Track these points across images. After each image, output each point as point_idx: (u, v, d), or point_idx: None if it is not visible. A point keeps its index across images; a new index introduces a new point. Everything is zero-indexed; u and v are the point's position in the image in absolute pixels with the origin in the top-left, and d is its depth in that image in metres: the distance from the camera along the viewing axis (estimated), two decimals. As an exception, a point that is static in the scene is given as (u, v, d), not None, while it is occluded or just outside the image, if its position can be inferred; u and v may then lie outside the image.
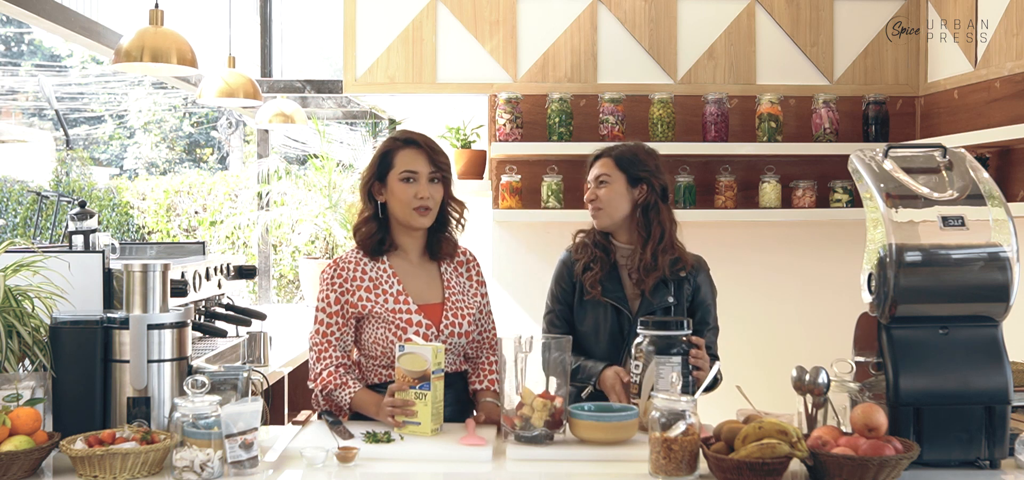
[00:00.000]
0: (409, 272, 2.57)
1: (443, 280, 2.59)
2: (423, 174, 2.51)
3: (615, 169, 2.74)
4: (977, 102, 3.94)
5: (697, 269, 2.77)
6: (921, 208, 2.03)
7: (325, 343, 2.51)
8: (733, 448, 1.94)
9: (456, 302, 2.57)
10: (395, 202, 2.53)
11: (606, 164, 2.77)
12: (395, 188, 2.52)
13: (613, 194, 2.73)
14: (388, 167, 2.53)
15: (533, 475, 2.07)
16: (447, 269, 2.62)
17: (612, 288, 2.71)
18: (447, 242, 2.62)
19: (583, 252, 2.78)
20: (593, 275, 2.72)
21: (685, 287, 2.73)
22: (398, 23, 4.28)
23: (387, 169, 2.53)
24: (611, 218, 2.74)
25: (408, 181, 2.50)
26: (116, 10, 7.47)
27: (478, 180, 4.34)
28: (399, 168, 2.52)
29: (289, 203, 7.28)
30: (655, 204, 2.73)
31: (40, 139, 13.37)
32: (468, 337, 2.58)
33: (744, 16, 4.31)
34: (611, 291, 2.71)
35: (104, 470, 1.93)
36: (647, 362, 2.33)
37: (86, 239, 3.24)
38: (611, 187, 2.73)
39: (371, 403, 2.43)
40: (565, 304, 2.79)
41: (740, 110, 4.28)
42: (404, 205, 2.51)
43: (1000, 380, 2.00)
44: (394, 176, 2.52)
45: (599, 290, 2.70)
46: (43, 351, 2.19)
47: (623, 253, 2.77)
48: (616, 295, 2.71)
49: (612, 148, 2.83)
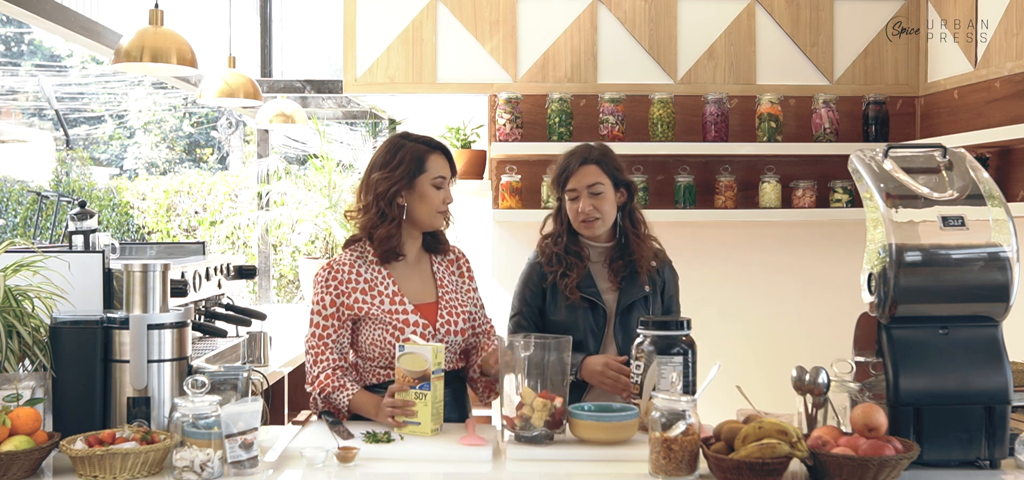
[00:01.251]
0: (404, 273, 2.58)
1: (436, 278, 2.62)
2: (448, 179, 2.58)
3: (604, 176, 2.72)
4: (977, 102, 3.94)
5: (665, 262, 2.82)
6: (921, 208, 2.03)
7: (321, 346, 2.51)
8: (733, 448, 1.94)
9: (450, 300, 2.59)
10: (422, 206, 2.54)
11: (596, 172, 2.72)
12: (426, 192, 2.53)
13: (606, 202, 2.71)
14: (420, 172, 2.53)
15: (533, 475, 2.07)
16: (439, 267, 2.64)
17: (586, 285, 2.72)
18: (443, 237, 2.67)
19: (558, 263, 2.74)
20: (570, 280, 2.71)
21: (656, 279, 2.77)
22: (398, 23, 4.28)
23: (418, 173, 2.53)
24: (606, 226, 2.74)
25: (439, 187, 2.55)
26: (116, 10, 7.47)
27: (478, 180, 4.34)
28: (432, 173, 2.54)
29: (289, 203, 7.29)
30: (632, 203, 2.77)
31: (40, 139, 13.38)
32: (463, 335, 2.59)
33: (744, 16, 4.31)
34: (586, 287, 2.72)
35: (104, 470, 1.93)
36: (648, 362, 2.33)
37: (86, 239, 3.24)
38: (605, 196, 2.71)
39: (370, 404, 2.43)
40: (534, 307, 2.79)
41: (740, 110, 4.28)
42: (432, 209, 2.55)
43: (1000, 380, 2.00)
44: (425, 180, 2.53)
45: (578, 295, 2.70)
46: (43, 351, 2.19)
47: (598, 252, 2.77)
48: (591, 291, 2.71)
49: (590, 152, 2.76)
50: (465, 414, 2.61)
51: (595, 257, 2.77)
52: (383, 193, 2.52)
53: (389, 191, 2.52)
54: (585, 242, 2.78)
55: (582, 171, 2.72)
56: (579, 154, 2.76)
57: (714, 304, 4.17)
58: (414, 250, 2.61)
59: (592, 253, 2.78)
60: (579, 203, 2.71)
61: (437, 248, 2.65)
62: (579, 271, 2.72)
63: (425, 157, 2.55)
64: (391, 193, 2.52)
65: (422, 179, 2.53)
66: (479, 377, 2.62)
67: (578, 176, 2.72)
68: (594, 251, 2.78)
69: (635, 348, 2.38)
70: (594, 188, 2.70)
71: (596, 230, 2.73)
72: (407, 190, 2.54)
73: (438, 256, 2.66)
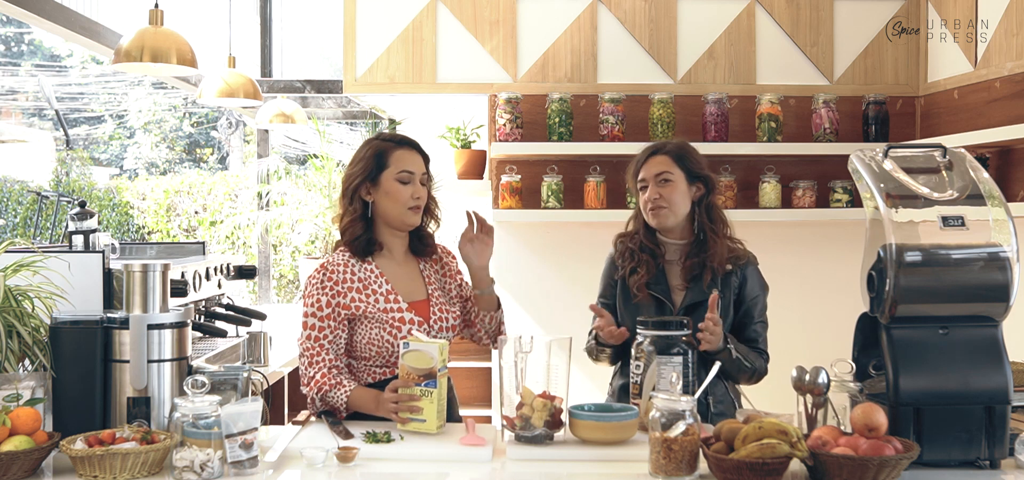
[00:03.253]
0: (395, 272, 2.59)
1: (424, 277, 2.64)
2: (417, 174, 2.56)
3: (675, 166, 2.68)
4: (977, 102, 3.94)
5: (747, 263, 2.74)
6: (921, 208, 2.03)
7: (317, 347, 2.50)
8: (733, 448, 1.94)
9: (439, 297, 2.62)
10: (388, 202, 2.54)
11: (665, 161, 2.69)
12: (390, 188, 2.53)
13: (676, 192, 2.67)
14: (382, 167, 2.54)
15: (533, 475, 2.07)
16: (425, 266, 2.66)
17: (657, 282, 2.68)
18: (429, 239, 2.67)
19: (629, 258, 2.73)
20: (639, 278, 2.69)
21: (732, 280, 2.69)
22: (398, 23, 4.28)
23: (381, 169, 2.54)
24: (676, 217, 2.68)
25: (405, 182, 2.53)
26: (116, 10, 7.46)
27: (478, 180, 4.34)
28: (396, 168, 2.53)
29: (289, 203, 7.29)
30: (712, 199, 2.73)
31: (40, 139, 13.38)
32: (454, 331, 2.62)
33: (744, 16, 4.31)
34: (655, 285, 2.68)
35: (104, 470, 1.93)
36: (648, 362, 2.33)
37: (86, 239, 3.24)
38: (674, 185, 2.67)
39: (369, 399, 2.42)
40: (610, 298, 2.78)
41: (740, 110, 4.28)
42: (399, 205, 2.54)
43: (1000, 380, 2.00)
44: (389, 176, 2.53)
45: (645, 293, 2.67)
46: (43, 351, 2.19)
47: (673, 249, 2.73)
48: (660, 289, 2.68)
49: (663, 145, 2.75)
50: (456, 414, 2.61)
51: (671, 255, 2.73)
52: (347, 190, 2.57)
53: (351, 187, 2.55)
54: (662, 240, 2.74)
55: (652, 161, 2.72)
56: (651, 147, 2.77)
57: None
58: (400, 249, 2.62)
59: (668, 251, 2.73)
60: (647, 192, 2.70)
61: (423, 250, 2.65)
62: (649, 269, 2.69)
63: (387, 152, 2.55)
64: (353, 189, 2.55)
65: (386, 175, 2.53)
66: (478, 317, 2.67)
67: (648, 166, 2.72)
68: (670, 249, 2.73)
69: (635, 348, 2.38)
70: (662, 176, 2.68)
71: (664, 219, 2.68)
72: (372, 185, 2.55)
73: (424, 259, 2.67)
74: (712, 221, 2.71)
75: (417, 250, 2.65)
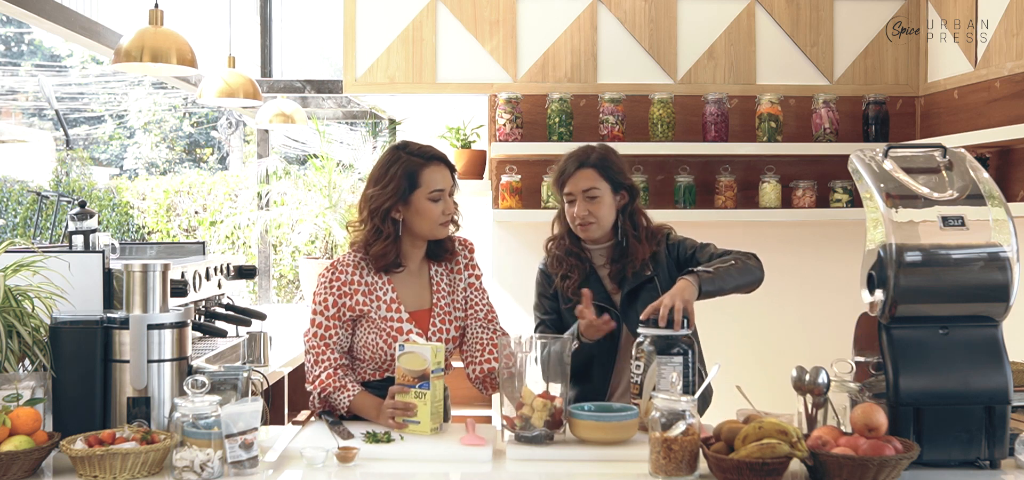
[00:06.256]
0: (403, 279, 2.57)
1: (433, 284, 2.60)
2: (447, 190, 2.52)
3: (601, 179, 2.69)
4: (977, 102, 3.94)
5: (668, 233, 2.78)
6: (921, 208, 2.03)
7: (322, 346, 2.50)
8: (733, 448, 1.94)
9: (444, 307, 2.58)
10: (420, 220, 2.50)
11: (592, 176, 2.69)
12: (422, 207, 2.49)
13: (602, 207, 2.69)
14: (414, 187, 2.49)
15: (533, 475, 2.07)
16: (438, 270, 2.62)
17: (592, 288, 2.68)
18: (448, 243, 2.62)
19: (558, 265, 2.75)
20: (571, 283, 2.70)
21: (660, 256, 2.73)
22: (398, 23, 4.28)
23: (412, 189, 2.49)
24: (603, 230, 2.72)
25: (436, 200, 2.50)
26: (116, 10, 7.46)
27: (478, 180, 4.34)
28: (428, 187, 2.49)
29: (289, 203, 7.29)
30: (635, 206, 2.74)
31: (40, 139, 13.38)
32: (454, 342, 2.59)
33: (744, 16, 4.31)
34: (590, 285, 2.68)
35: (104, 470, 1.93)
36: (648, 362, 2.33)
37: (86, 239, 3.24)
38: (601, 199, 2.69)
39: (371, 407, 2.43)
40: (553, 313, 2.79)
41: (740, 110, 4.28)
42: (431, 222, 2.50)
43: (1000, 380, 2.00)
44: (421, 195, 2.48)
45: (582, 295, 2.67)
46: (43, 351, 2.19)
47: (600, 253, 2.76)
48: (600, 295, 2.69)
49: (587, 156, 2.73)
50: (447, 415, 2.60)
51: (598, 258, 2.76)
52: (376, 210, 2.50)
53: (382, 208, 2.49)
54: (590, 248, 2.76)
55: (578, 175, 2.70)
56: (576, 157, 2.74)
57: (714, 304, 4.15)
58: (417, 258, 2.59)
59: (594, 255, 2.77)
60: (575, 207, 2.70)
61: (440, 255, 2.61)
62: (581, 272, 2.72)
63: (419, 171, 2.49)
64: (384, 209, 2.49)
65: (417, 194, 2.49)
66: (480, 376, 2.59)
67: (574, 180, 2.70)
68: (595, 253, 2.77)
69: (635, 348, 2.38)
70: (589, 192, 2.68)
71: (592, 234, 2.71)
72: (403, 206, 2.50)
73: (439, 263, 2.63)
74: (635, 227, 2.74)
75: (433, 254, 2.61)
